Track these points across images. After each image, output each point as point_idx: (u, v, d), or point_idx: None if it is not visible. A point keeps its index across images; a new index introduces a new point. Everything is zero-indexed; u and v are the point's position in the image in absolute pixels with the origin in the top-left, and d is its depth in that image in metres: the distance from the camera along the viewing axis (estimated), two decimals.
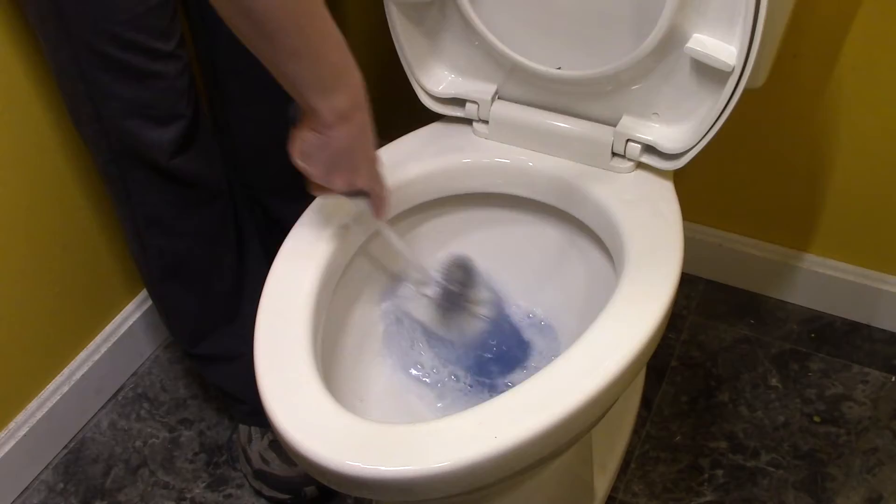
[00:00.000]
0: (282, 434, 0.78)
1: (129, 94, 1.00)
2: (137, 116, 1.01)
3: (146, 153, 1.04)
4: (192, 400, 1.38)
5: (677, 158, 1.01)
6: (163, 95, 1.02)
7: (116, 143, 1.04)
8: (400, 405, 1.01)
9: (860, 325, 1.42)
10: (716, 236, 1.44)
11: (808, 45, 1.20)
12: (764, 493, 1.22)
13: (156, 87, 1.01)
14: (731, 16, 0.91)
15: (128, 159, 1.05)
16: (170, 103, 1.02)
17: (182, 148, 1.05)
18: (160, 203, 1.10)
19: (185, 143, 1.05)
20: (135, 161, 1.05)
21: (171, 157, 1.05)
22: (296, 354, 0.84)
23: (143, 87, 1.00)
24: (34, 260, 1.20)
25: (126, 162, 1.06)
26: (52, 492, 1.27)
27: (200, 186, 1.10)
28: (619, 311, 0.86)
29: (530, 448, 0.77)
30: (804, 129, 1.29)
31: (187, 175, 1.08)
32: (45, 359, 1.28)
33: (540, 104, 1.06)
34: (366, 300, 1.04)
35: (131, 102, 1.01)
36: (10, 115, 1.11)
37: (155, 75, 1.00)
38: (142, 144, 1.03)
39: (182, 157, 1.06)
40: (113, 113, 1.01)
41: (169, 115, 1.03)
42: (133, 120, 1.02)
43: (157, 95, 1.01)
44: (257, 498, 1.25)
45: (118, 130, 1.03)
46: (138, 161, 1.05)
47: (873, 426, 1.29)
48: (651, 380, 1.35)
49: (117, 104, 1.01)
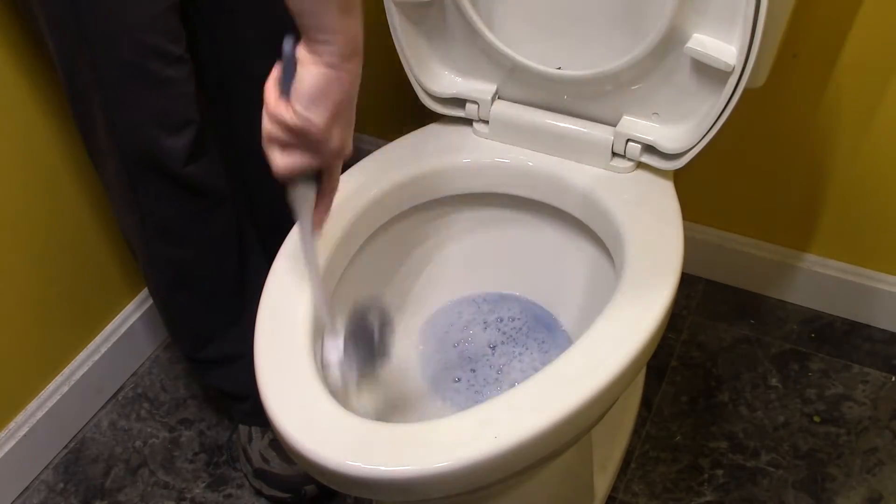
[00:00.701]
0: (282, 434, 0.78)
1: (147, 101, 1.00)
2: (153, 124, 1.01)
3: (160, 161, 1.03)
4: (192, 400, 1.38)
5: (677, 158, 1.01)
6: (176, 102, 1.01)
7: (130, 152, 1.03)
8: (400, 403, 1.02)
9: (860, 325, 1.42)
10: (716, 236, 1.44)
11: (808, 45, 1.20)
12: (764, 493, 1.22)
13: (170, 94, 1.00)
14: (731, 16, 0.91)
15: (140, 168, 1.04)
16: (183, 109, 1.02)
17: (195, 154, 1.04)
18: (169, 212, 1.09)
19: (197, 150, 1.05)
20: (148, 170, 1.05)
21: (185, 163, 1.04)
22: (296, 354, 0.84)
23: (158, 94, 1.00)
24: (34, 260, 1.20)
25: (138, 171, 1.05)
26: (52, 492, 1.27)
27: (208, 193, 1.10)
28: (619, 311, 0.86)
29: (530, 448, 0.77)
30: (804, 128, 1.29)
31: (198, 182, 1.07)
32: (45, 359, 1.28)
33: (540, 104, 1.06)
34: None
35: (149, 110, 1.00)
36: (6, 116, 1.11)
37: (169, 81, 0.99)
38: (157, 152, 1.03)
39: (195, 165, 1.05)
40: (129, 121, 1.01)
41: (182, 122, 1.02)
42: (149, 128, 1.01)
43: (171, 102, 1.01)
44: (257, 498, 1.25)
45: (133, 139, 1.02)
46: (151, 169, 1.04)
47: (873, 426, 1.29)
48: (651, 380, 1.35)
49: (135, 112, 1.00)
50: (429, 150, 1.06)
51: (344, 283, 0.97)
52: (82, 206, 1.25)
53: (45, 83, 1.13)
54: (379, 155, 1.05)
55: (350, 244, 0.97)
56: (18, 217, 1.16)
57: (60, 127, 1.17)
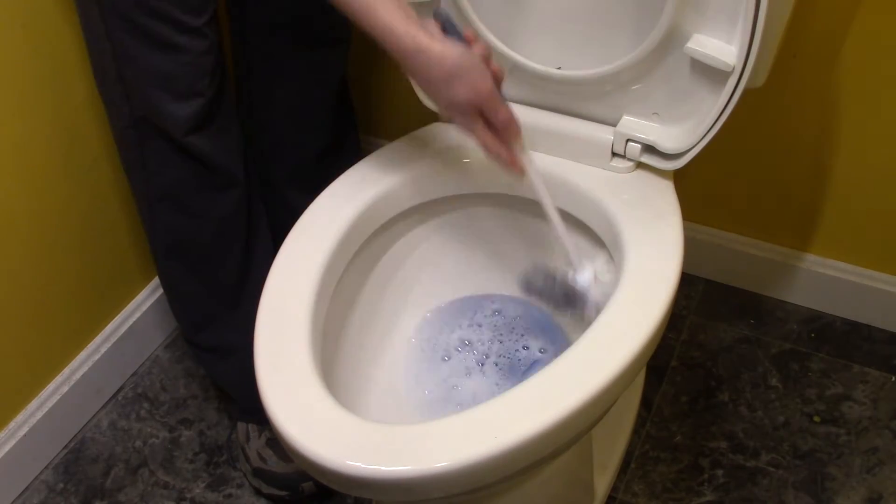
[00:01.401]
0: (282, 434, 0.78)
1: (152, 61, 1.01)
2: (157, 86, 1.02)
3: (163, 124, 1.05)
4: (192, 400, 1.38)
5: (677, 158, 1.01)
6: (185, 70, 1.02)
7: (137, 109, 1.05)
8: (400, 400, 1.01)
9: (860, 325, 1.42)
10: (716, 236, 1.44)
11: (808, 45, 1.20)
12: (764, 493, 1.22)
13: (178, 61, 1.01)
14: (731, 16, 0.91)
15: (147, 127, 1.06)
16: (191, 79, 1.03)
17: (198, 126, 1.06)
18: (175, 177, 1.10)
19: (202, 122, 1.06)
20: (153, 130, 1.06)
21: (187, 133, 1.05)
22: (296, 353, 0.84)
23: (165, 58, 1.01)
24: (33, 261, 1.20)
25: (145, 129, 1.07)
26: (52, 492, 1.27)
27: (217, 170, 1.11)
28: (619, 311, 0.86)
29: (530, 448, 0.77)
30: (804, 129, 1.29)
31: (203, 155, 1.08)
32: (46, 359, 1.28)
33: (540, 104, 1.06)
34: (369, 295, 1.04)
35: (152, 71, 1.02)
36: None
37: (178, 48, 1.00)
38: (159, 114, 1.04)
39: (198, 136, 1.06)
40: (135, 77, 1.03)
41: (189, 91, 1.04)
42: (153, 88, 1.03)
43: (179, 69, 1.02)
44: (257, 497, 1.25)
45: (139, 95, 1.04)
46: (155, 130, 1.06)
47: (873, 426, 1.29)
48: (651, 380, 1.35)
49: (139, 69, 1.02)
50: (429, 150, 1.06)
51: (344, 282, 0.97)
52: (85, 207, 1.25)
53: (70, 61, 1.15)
54: (380, 155, 1.05)
55: (350, 243, 0.97)
56: (19, 217, 1.16)
57: (61, 127, 1.17)
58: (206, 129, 1.07)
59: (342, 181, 1.01)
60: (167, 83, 1.02)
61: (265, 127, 1.24)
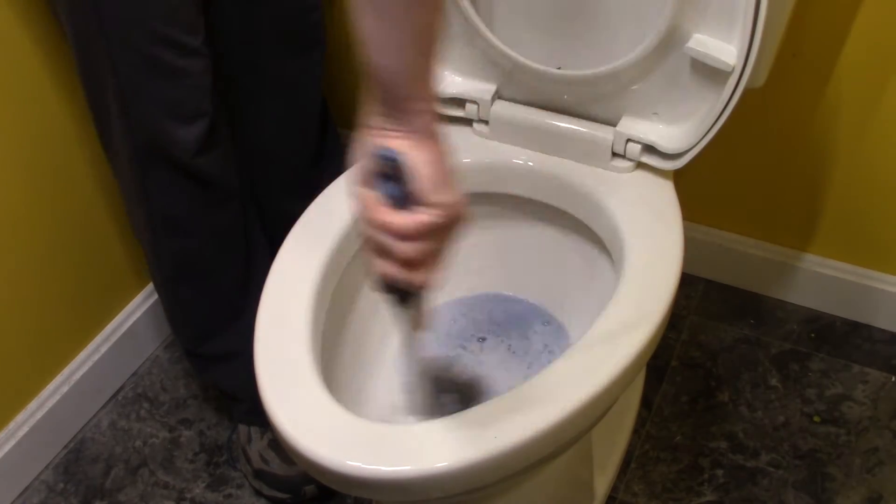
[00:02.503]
0: (282, 434, 0.78)
1: (160, 91, 1.00)
2: (165, 114, 1.02)
3: (171, 151, 1.04)
4: (192, 400, 1.38)
5: (677, 158, 1.01)
6: (189, 93, 1.02)
7: (142, 141, 1.04)
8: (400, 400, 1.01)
9: (860, 325, 1.42)
10: (716, 236, 1.44)
11: (808, 45, 1.20)
12: (764, 493, 1.22)
13: (183, 85, 1.01)
14: (731, 16, 0.91)
15: (151, 158, 1.06)
16: (196, 101, 1.03)
17: (205, 146, 1.05)
18: (177, 203, 1.10)
19: (207, 142, 1.05)
20: (158, 160, 1.06)
21: (195, 155, 1.05)
22: (296, 354, 0.84)
23: (172, 85, 1.01)
24: (33, 261, 1.20)
25: (149, 160, 1.06)
26: (52, 492, 1.27)
27: (216, 186, 1.11)
28: (619, 311, 0.86)
29: (530, 448, 0.77)
30: (804, 128, 1.28)
31: (207, 174, 1.08)
32: (45, 359, 1.28)
33: (540, 104, 1.06)
34: (367, 297, 1.04)
35: (161, 100, 1.01)
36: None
37: (182, 72, 1.00)
38: (168, 142, 1.04)
39: (204, 156, 1.06)
40: (142, 110, 1.02)
41: (195, 113, 1.03)
42: (161, 117, 1.02)
43: (184, 93, 1.02)
44: (257, 498, 1.25)
45: (145, 128, 1.03)
46: (161, 159, 1.06)
47: (873, 426, 1.29)
48: (651, 380, 1.35)
49: (147, 101, 1.01)
50: None
51: (343, 283, 0.97)
52: (85, 207, 1.25)
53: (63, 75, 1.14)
54: None
55: (350, 244, 0.97)
56: (19, 217, 1.16)
57: (66, 128, 1.17)
58: (212, 148, 1.06)
59: (341, 182, 1.01)
60: (175, 110, 1.02)
61: (254, 136, 1.23)
